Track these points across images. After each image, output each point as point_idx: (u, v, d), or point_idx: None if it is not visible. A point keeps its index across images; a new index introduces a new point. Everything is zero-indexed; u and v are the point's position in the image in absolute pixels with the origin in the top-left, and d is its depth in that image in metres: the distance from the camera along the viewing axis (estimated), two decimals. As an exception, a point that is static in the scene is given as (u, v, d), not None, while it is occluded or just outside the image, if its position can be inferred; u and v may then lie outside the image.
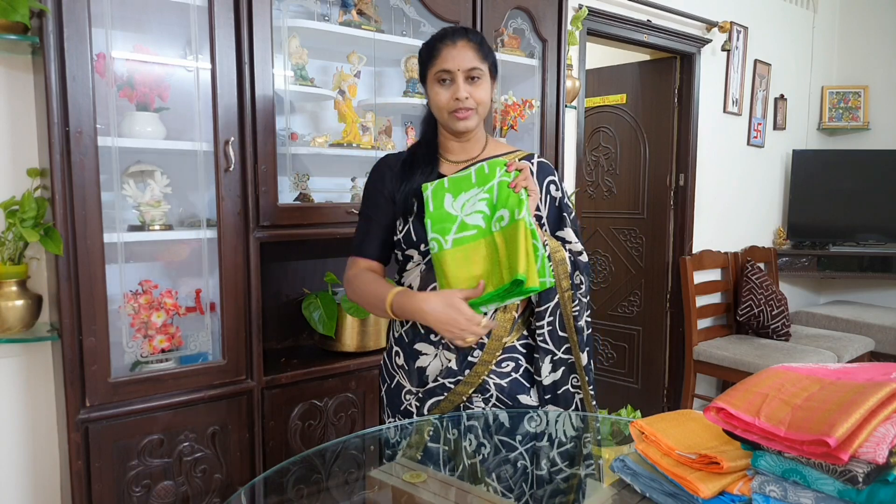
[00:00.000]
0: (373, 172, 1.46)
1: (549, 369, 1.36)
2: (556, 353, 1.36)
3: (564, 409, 1.38)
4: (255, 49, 1.77)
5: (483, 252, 1.26)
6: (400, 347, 1.42)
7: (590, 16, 2.94)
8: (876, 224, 4.23)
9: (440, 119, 1.38)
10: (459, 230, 1.27)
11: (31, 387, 1.81)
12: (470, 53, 1.31)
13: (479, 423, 1.35)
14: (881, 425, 0.76)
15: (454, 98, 1.31)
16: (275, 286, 2.21)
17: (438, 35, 1.35)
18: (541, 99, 2.48)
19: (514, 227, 1.22)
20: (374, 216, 1.41)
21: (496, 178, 1.27)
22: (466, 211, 1.28)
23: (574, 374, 1.38)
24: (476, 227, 1.27)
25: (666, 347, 3.86)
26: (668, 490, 0.92)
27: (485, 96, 1.34)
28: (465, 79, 1.31)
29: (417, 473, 1.08)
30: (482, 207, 1.27)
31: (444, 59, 1.31)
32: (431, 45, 1.35)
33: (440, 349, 1.35)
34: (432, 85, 1.35)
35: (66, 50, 1.52)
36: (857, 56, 4.60)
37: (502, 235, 1.25)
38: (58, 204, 1.54)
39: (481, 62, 1.33)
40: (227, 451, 1.83)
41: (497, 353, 1.34)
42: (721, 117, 3.87)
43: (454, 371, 1.33)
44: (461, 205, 1.28)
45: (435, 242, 1.27)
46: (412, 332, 1.38)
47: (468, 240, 1.26)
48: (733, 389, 0.89)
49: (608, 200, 4.06)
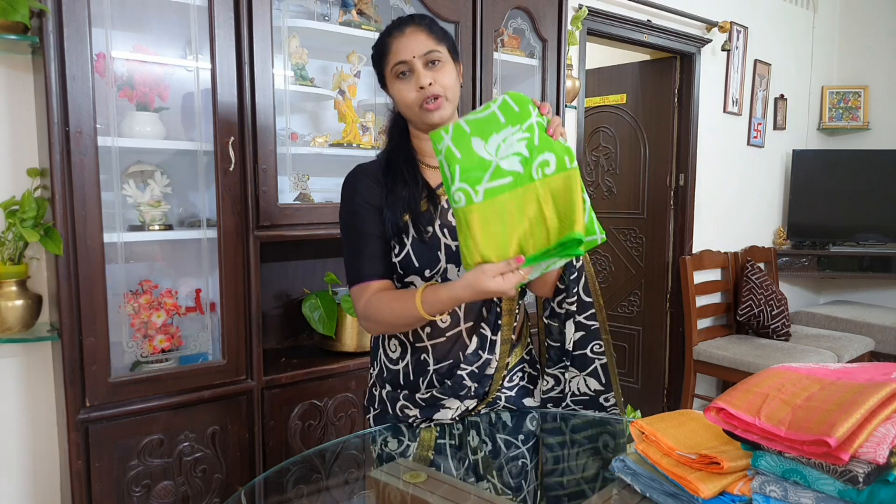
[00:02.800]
0: (349, 186, 1.28)
1: (570, 331, 1.30)
2: (576, 316, 1.30)
3: (580, 372, 1.31)
4: (255, 49, 1.77)
5: (521, 204, 1.03)
6: (411, 404, 1.30)
7: (590, 16, 2.94)
8: (876, 224, 4.23)
9: (410, 117, 1.25)
10: (493, 177, 1.03)
11: (31, 387, 1.81)
12: (422, 37, 1.20)
13: (483, 423, 1.35)
14: (881, 425, 0.76)
15: (418, 88, 1.19)
16: (275, 286, 2.20)
17: (385, 31, 1.24)
18: (541, 99, 2.48)
19: (568, 178, 1.04)
20: (367, 232, 1.24)
21: (532, 117, 1.07)
22: (502, 153, 1.05)
23: (596, 341, 1.30)
24: (512, 174, 1.04)
25: (666, 347, 3.86)
26: (668, 490, 0.92)
27: (450, 81, 1.21)
28: (425, 64, 1.19)
29: (417, 473, 1.08)
30: (521, 149, 1.05)
31: (396, 52, 1.20)
32: (380, 42, 1.24)
33: (464, 401, 1.29)
34: (393, 83, 1.23)
35: (66, 50, 1.51)
36: (857, 56, 4.60)
37: (548, 185, 1.04)
38: (58, 204, 1.54)
39: (437, 44, 1.21)
40: (227, 451, 1.83)
41: (504, 379, 1.33)
42: (721, 117, 3.87)
43: (468, 409, 1.32)
44: (495, 147, 1.05)
45: (462, 193, 1.03)
46: (433, 398, 1.28)
47: (503, 189, 1.03)
48: (733, 389, 0.89)
49: (608, 200, 4.06)
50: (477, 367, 1.27)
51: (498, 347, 1.29)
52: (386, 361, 1.35)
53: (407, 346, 1.30)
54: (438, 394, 1.28)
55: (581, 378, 1.31)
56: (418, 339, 1.28)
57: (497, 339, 1.28)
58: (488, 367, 1.29)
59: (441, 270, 1.23)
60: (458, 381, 1.27)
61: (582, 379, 1.31)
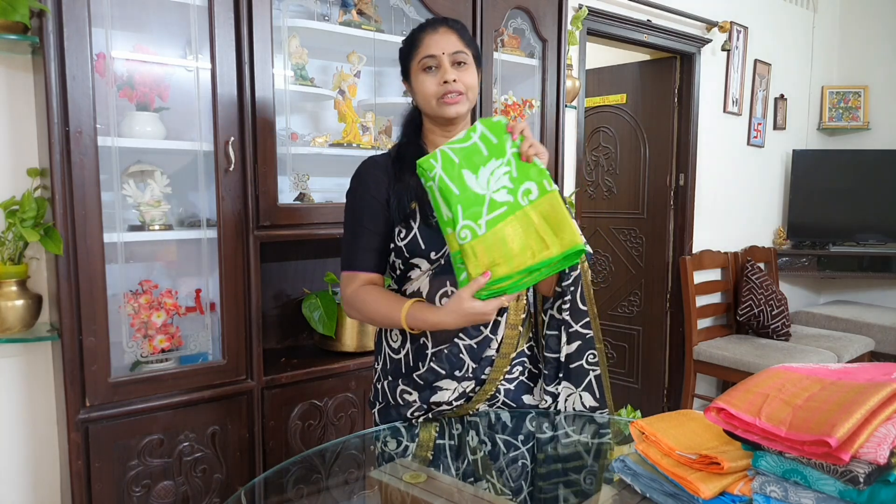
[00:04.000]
0: (358, 178, 1.35)
1: (564, 340, 1.32)
2: (572, 325, 1.31)
3: (576, 388, 1.33)
4: (255, 49, 1.77)
5: (517, 226, 1.14)
6: (411, 387, 1.33)
7: (590, 16, 2.94)
8: (876, 224, 4.23)
9: (428, 109, 1.30)
10: (490, 209, 1.14)
11: (31, 387, 1.81)
12: (453, 38, 1.27)
13: (482, 422, 1.35)
14: (882, 426, 0.76)
15: (442, 82, 1.25)
16: (275, 286, 2.21)
17: (419, 26, 1.31)
18: (541, 99, 2.48)
19: (550, 200, 1.15)
20: (368, 224, 1.30)
21: (507, 148, 1.16)
22: (493, 187, 1.15)
23: (591, 350, 1.33)
24: (506, 204, 1.14)
25: (666, 347, 3.86)
26: (668, 490, 0.92)
27: (473, 81, 1.29)
28: (452, 63, 1.26)
29: (417, 474, 1.08)
30: (506, 182, 1.15)
31: (427, 46, 1.26)
32: (412, 36, 1.31)
33: (461, 382, 1.31)
34: (417, 75, 1.29)
35: (66, 50, 1.51)
36: (857, 56, 4.60)
37: (537, 209, 1.15)
38: (58, 204, 1.54)
39: (466, 47, 1.28)
40: (227, 451, 1.83)
41: (505, 369, 1.34)
42: (721, 117, 3.87)
43: (467, 393, 1.33)
44: (486, 181, 1.15)
45: (468, 231, 1.12)
46: (433, 375, 1.31)
47: (501, 218, 1.14)
48: (734, 389, 0.89)
49: (608, 200, 4.06)
50: (476, 343, 1.30)
51: (502, 329, 1.31)
52: (389, 352, 1.38)
53: (406, 334, 1.33)
54: (436, 366, 1.30)
55: (577, 395, 1.34)
56: None
57: (502, 320, 1.31)
58: (488, 347, 1.31)
59: (445, 254, 1.26)
60: (454, 353, 1.29)
61: (578, 396, 1.34)
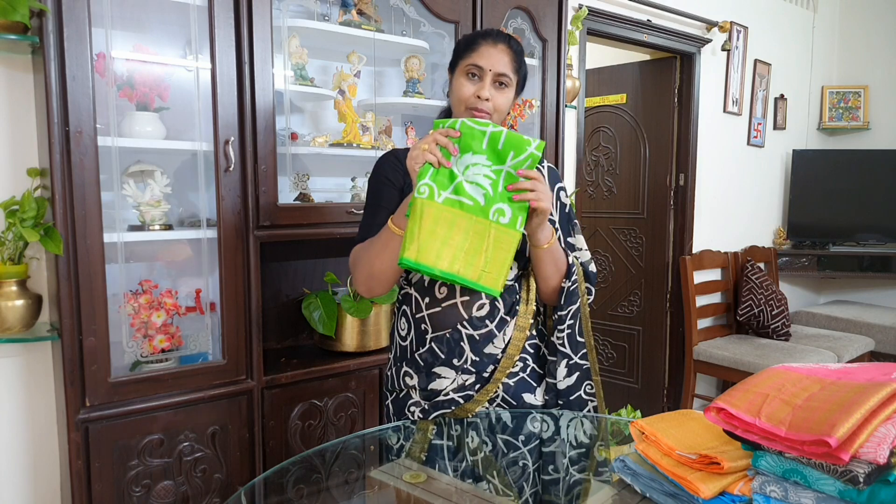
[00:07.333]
0: (378, 165, 1.41)
1: (565, 373, 1.36)
2: (572, 357, 1.36)
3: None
4: (255, 49, 1.77)
5: (471, 230, 1.15)
6: (413, 370, 1.37)
7: (590, 16, 2.94)
8: (876, 224, 4.23)
9: (457, 112, 1.34)
10: (455, 192, 1.15)
11: (31, 387, 1.81)
12: (506, 59, 1.30)
13: (483, 423, 1.35)
14: (882, 425, 0.76)
15: (476, 95, 1.29)
16: (275, 286, 2.21)
17: (482, 32, 1.34)
18: (541, 99, 2.48)
19: (512, 237, 1.16)
20: (384, 204, 1.34)
21: (507, 162, 1.17)
22: (469, 176, 1.16)
23: (588, 381, 1.39)
24: (475, 201, 1.16)
25: (666, 347, 3.86)
26: (668, 490, 0.92)
27: (505, 105, 1.33)
28: (493, 82, 1.30)
29: (417, 474, 1.08)
30: (485, 185, 1.16)
31: (479, 55, 1.30)
32: (472, 39, 1.33)
33: (460, 373, 1.33)
34: (459, 76, 1.32)
35: (66, 50, 1.51)
36: (857, 56, 4.60)
37: (498, 232, 1.16)
38: (58, 204, 1.54)
39: (513, 72, 1.32)
40: (227, 451, 1.83)
41: (509, 370, 1.35)
42: (721, 117, 3.87)
43: (466, 388, 1.34)
44: (465, 166, 1.17)
45: (427, 188, 1.14)
46: (431, 357, 1.34)
47: (463, 207, 1.15)
48: (734, 389, 0.89)
49: (608, 200, 4.06)
50: (479, 335, 1.31)
51: (510, 330, 1.33)
52: (399, 340, 1.42)
53: (410, 319, 1.38)
54: (436, 347, 1.32)
55: (578, 419, 1.37)
56: (418, 310, 1.36)
57: (510, 320, 1.34)
58: (491, 343, 1.32)
59: None
60: (455, 340, 1.31)
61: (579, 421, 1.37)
